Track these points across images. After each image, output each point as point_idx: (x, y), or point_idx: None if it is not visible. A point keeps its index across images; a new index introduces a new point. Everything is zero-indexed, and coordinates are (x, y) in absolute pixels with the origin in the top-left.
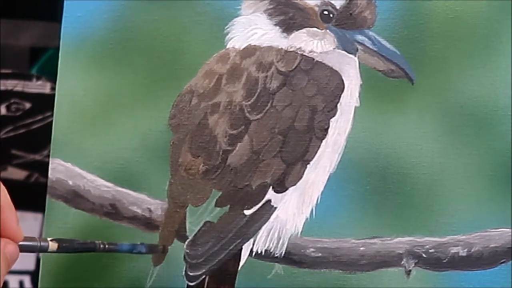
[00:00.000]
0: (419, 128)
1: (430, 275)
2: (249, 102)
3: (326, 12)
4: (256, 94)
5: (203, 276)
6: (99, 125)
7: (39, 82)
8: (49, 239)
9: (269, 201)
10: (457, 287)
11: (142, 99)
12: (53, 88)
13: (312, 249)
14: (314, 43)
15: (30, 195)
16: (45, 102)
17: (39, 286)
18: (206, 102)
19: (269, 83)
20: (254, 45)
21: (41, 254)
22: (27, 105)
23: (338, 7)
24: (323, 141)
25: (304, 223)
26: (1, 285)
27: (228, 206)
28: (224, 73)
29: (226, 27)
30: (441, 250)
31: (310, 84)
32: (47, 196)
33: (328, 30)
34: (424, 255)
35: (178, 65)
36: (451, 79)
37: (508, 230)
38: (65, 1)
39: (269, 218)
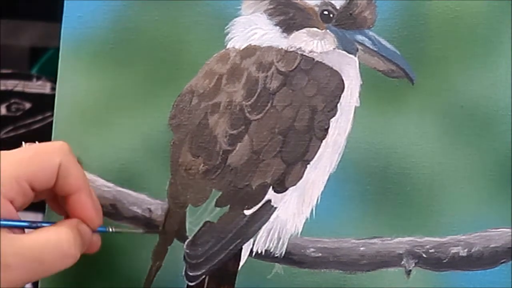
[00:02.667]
0: (419, 128)
1: (430, 275)
2: (249, 102)
3: (326, 12)
4: (256, 94)
5: (203, 276)
6: (99, 125)
7: (39, 82)
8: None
9: (269, 201)
10: (457, 287)
11: (143, 99)
12: (53, 88)
13: (312, 249)
14: (314, 43)
15: None
16: (45, 102)
17: (39, 286)
18: (206, 102)
19: (269, 83)
20: (254, 45)
21: None
22: (27, 105)
23: (338, 7)
24: (323, 141)
25: (304, 223)
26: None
27: (228, 206)
28: (224, 73)
29: (226, 27)
30: (441, 250)
31: (310, 84)
32: None
33: (328, 30)
34: (424, 255)
35: (178, 65)
36: (451, 79)
37: (508, 230)
38: (65, 1)
39: (269, 218)
